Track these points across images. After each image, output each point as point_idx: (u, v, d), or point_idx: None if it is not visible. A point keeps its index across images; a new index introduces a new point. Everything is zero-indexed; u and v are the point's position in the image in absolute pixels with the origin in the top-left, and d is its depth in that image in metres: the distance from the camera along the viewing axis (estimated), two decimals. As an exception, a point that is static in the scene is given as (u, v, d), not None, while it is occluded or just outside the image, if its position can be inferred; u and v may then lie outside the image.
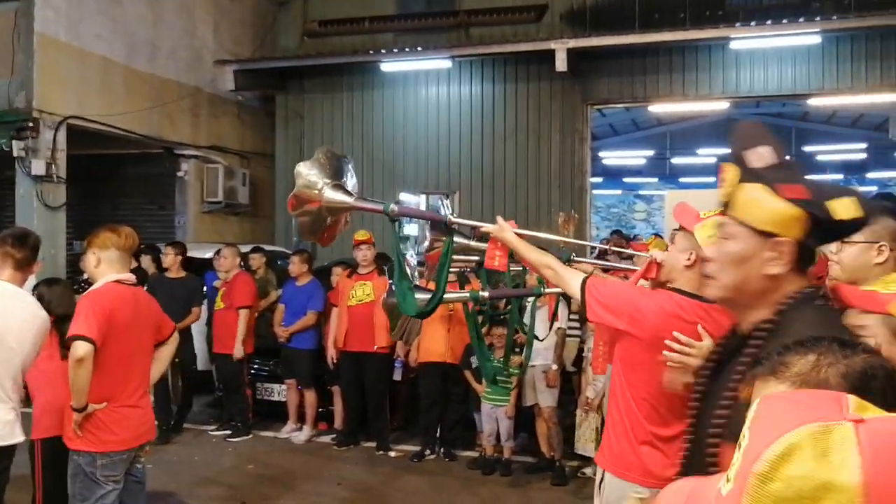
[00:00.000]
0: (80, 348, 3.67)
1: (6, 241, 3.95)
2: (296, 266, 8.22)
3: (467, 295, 3.81)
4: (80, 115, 10.19)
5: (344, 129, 13.04)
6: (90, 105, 10.37)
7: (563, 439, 6.94)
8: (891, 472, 0.77)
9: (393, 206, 3.25)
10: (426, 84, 12.71)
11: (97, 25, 10.56)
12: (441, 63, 12.13)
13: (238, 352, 7.87)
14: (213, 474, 6.89)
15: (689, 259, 2.84)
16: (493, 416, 6.98)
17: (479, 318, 4.15)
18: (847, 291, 2.15)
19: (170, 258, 8.15)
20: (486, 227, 3.27)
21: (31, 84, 9.66)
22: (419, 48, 12.11)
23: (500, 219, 3.25)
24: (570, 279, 3.03)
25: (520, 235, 3.20)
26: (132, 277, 4.10)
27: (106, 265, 3.96)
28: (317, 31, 13.51)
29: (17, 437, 3.85)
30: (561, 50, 10.99)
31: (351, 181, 3.38)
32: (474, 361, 6.78)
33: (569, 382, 7.32)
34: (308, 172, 3.27)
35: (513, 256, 3.27)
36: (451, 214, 3.30)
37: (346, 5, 13.43)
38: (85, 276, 9.12)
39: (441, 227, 3.31)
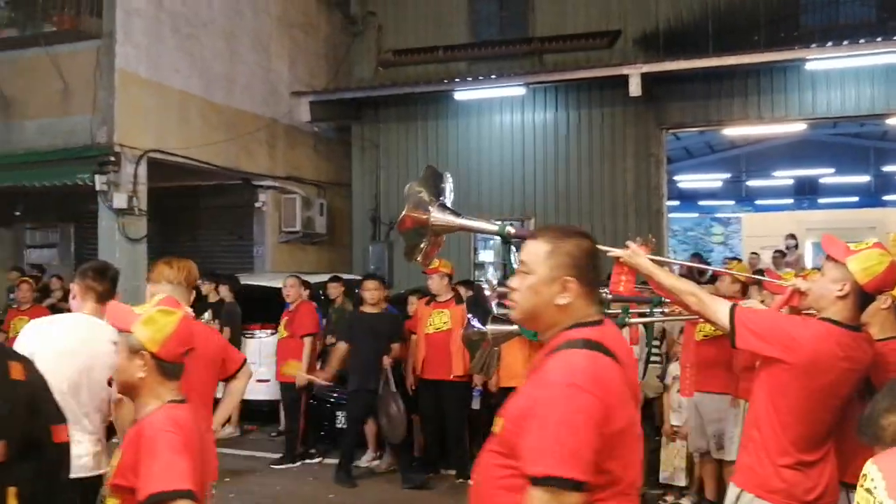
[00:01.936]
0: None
1: (87, 274, 3.84)
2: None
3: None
4: (160, 149, 10.06)
5: (419, 157, 12.71)
6: (169, 138, 10.24)
7: (645, 467, 6.39)
8: None
9: (509, 228, 3.07)
10: (500, 111, 12.31)
11: (175, 60, 10.46)
12: (515, 90, 11.73)
13: (302, 379, 7.64)
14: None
15: (841, 290, 2.87)
16: None
17: None
18: None
19: (373, 293, 7.38)
20: (616, 251, 3.12)
21: (112, 119, 9.57)
22: (493, 76, 11.75)
23: (631, 244, 3.12)
24: (717, 307, 3.00)
25: (653, 261, 3.11)
26: (188, 312, 3.74)
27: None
28: (391, 60, 13.26)
29: (104, 468, 3.58)
30: (634, 75, 10.57)
31: (450, 198, 3.19)
32: None
33: (649, 408, 6.96)
34: (417, 192, 2.98)
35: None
36: None
37: (420, 34, 13.15)
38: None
39: None
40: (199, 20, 10.85)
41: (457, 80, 11.99)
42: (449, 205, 3.14)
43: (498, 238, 3.34)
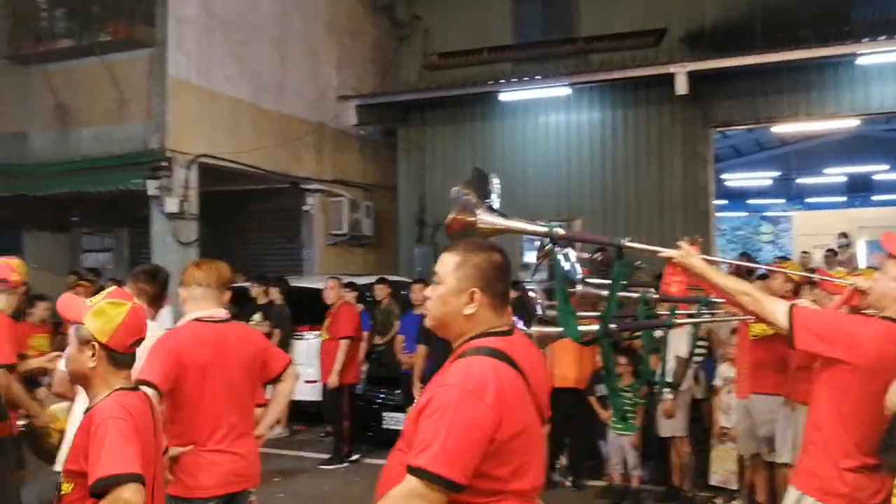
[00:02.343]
0: None
1: (139, 277, 3.92)
2: (417, 294, 7.90)
3: (597, 327, 3.34)
4: (211, 154, 10.21)
5: (465, 159, 12.68)
6: (220, 144, 10.38)
7: (694, 469, 6.47)
8: None
9: (558, 229, 2.96)
10: (545, 112, 12.24)
11: (226, 67, 10.60)
12: (560, 91, 11.64)
13: (333, 381, 7.68)
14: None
15: None
16: (619, 444, 6.57)
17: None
18: None
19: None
20: (667, 252, 3.03)
21: (164, 126, 9.74)
22: (538, 76, 11.68)
23: (683, 244, 3.02)
24: (774, 307, 2.93)
25: (706, 261, 3.03)
26: (219, 314, 3.68)
27: (191, 303, 3.63)
28: (436, 63, 13.28)
29: None
30: (681, 73, 10.40)
31: (497, 200, 3.09)
32: (600, 389, 6.49)
33: (696, 410, 6.85)
34: (464, 195, 2.95)
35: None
36: (626, 240, 2.98)
37: (465, 37, 13.13)
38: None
39: (613, 251, 3.08)
40: (248, 27, 10.99)
41: (502, 81, 11.95)
42: (496, 207, 3.07)
43: (545, 239, 3.30)
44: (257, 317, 8.66)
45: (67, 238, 13.35)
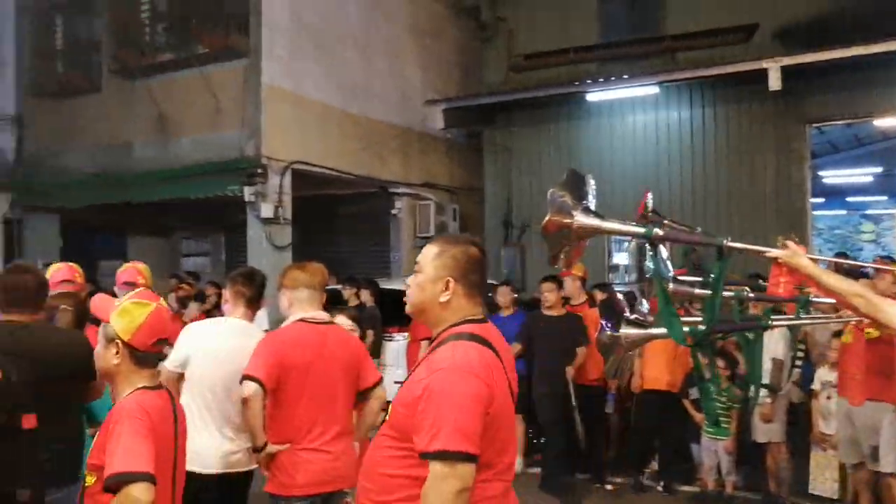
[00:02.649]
0: (246, 388, 3.44)
1: (237, 280, 4.01)
2: (503, 297, 7.89)
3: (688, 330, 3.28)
4: (303, 160, 10.43)
5: (551, 160, 12.61)
6: (311, 149, 10.58)
7: (792, 476, 6.28)
8: None
9: (657, 230, 2.96)
10: (633, 111, 12.04)
11: (316, 74, 10.79)
12: (648, 90, 11.43)
13: None
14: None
15: None
16: (713, 449, 6.44)
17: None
18: None
19: (552, 296, 7.24)
20: (773, 252, 2.91)
21: (259, 133, 9.99)
22: (625, 76, 11.49)
23: (790, 243, 2.88)
24: (891, 309, 2.74)
25: (814, 261, 2.91)
26: (322, 316, 3.77)
27: (296, 305, 3.71)
28: (521, 64, 13.22)
29: (255, 465, 3.75)
30: (774, 69, 10.00)
31: (593, 202, 3.10)
32: (693, 392, 6.33)
33: (793, 414, 6.61)
34: (559, 196, 2.95)
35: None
36: (727, 240, 2.93)
37: (550, 37, 13.02)
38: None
39: (714, 251, 2.99)
40: (336, 33, 11.17)
41: (588, 81, 11.83)
42: (592, 208, 3.04)
43: (633, 240, 3.25)
44: (341, 318, 8.76)
45: (168, 242, 13.92)
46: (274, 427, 3.54)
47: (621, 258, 12.23)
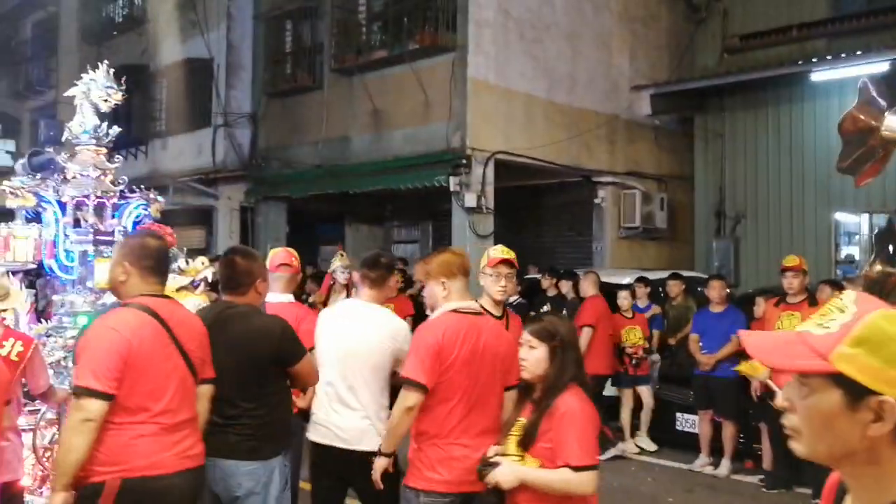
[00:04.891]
0: (410, 399, 3.18)
1: (363, 264, 3.96)
2: (715, 292, 7.21)
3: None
4: (507, 150, 10.23)
5: (769, 145, 11.51)
6: (515, 140, 10.37)
7: None
8: None
9: None
10: (865, 90, 10.68)
11: (521, 65, 10.56)
12: (883, 66, 10.04)
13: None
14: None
15: None
16: None
17: None
18: None
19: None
20: None
21: (465, 125, 9.93)
22: (858, 52, 10.17)
23: None
24: None
25: None
26: (474, 306, 3.46)
27: (455, 294, 3.40)
28: (737, 46, 12.15)
29: (366, 445, 3.58)
30: None
31: None
32: None
33: None
34: (873, 88, 2.37)
35: None
36: None
37: (771, 15, 11.83)
38: (512, 299, 9.11)
39: None
40: (542, 24, 10.86)
41: (814, 59, 10.61)
42: None
43: (864, 233, 2.63)
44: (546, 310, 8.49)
45: (381, 230, 14.36)
46: (424, 420, 3.30)
47: (852, 250, 10.89)
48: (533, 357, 2.84)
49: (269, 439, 3.36)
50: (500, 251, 4.01)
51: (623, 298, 7.87)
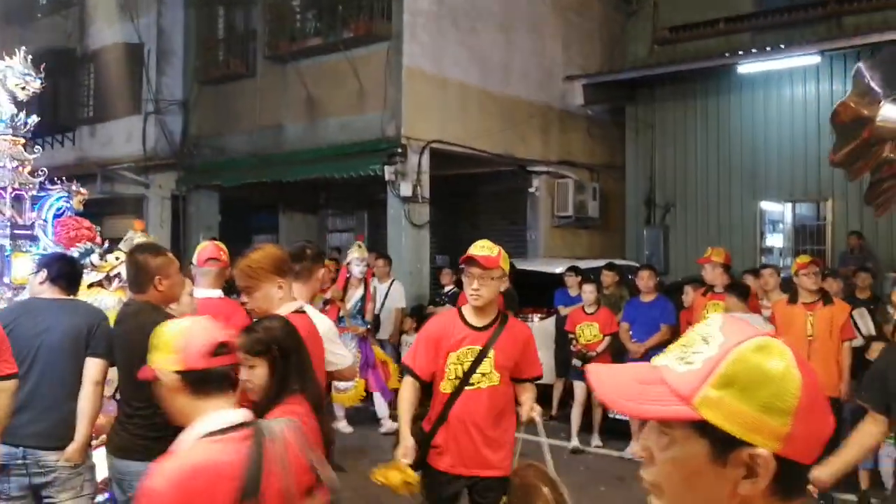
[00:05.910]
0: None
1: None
2: (644, 282, 7.24)
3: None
4: (441, 140, 10.07)
5: (697, 136, 11.63)
6: (450, 129, 10.21)
7: None
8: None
9: None
10: (790, 83, 10.80)
11: (456, 54, 10.39)
12: (808, 59, 10.21)
13: None
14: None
15: None
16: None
17: None
18: None
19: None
20: None
21: (399, 114, 9.73)
22: (782, 45, 10.31)
23: None
24: None
25: None
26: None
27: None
28: (667, 37, 12.22)
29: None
30: (953, 32, 8.65)
31: None
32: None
33: None
34: (869, 73, 2.22)
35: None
36: None
37: (699, 8, 11.90)
38: (447, 289, 9.01)
39: None
40: (476, 13, 10.69)
41: (740, 52, 10.73)
42: None
43: (788, 222, 2.56)
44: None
45: (316, 219, 14.06)
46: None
47: (776, 240, 11.10)
48: (257, 377, 2.39)
49: (161, 440, 3.26)
50: (475, 247, 3.36)
51: (588, 293, 7.33)
